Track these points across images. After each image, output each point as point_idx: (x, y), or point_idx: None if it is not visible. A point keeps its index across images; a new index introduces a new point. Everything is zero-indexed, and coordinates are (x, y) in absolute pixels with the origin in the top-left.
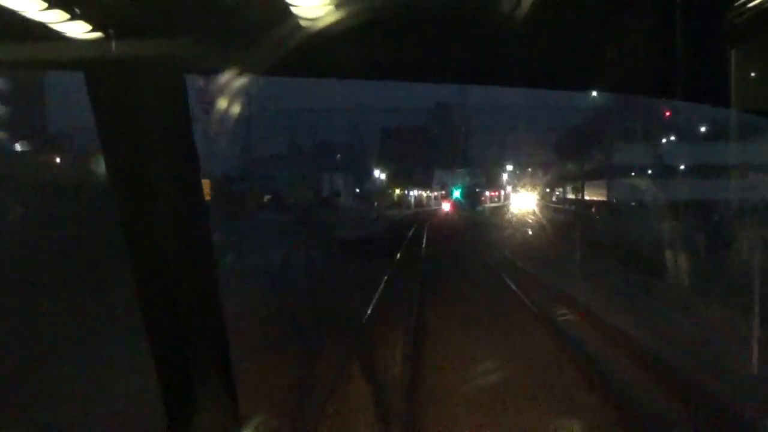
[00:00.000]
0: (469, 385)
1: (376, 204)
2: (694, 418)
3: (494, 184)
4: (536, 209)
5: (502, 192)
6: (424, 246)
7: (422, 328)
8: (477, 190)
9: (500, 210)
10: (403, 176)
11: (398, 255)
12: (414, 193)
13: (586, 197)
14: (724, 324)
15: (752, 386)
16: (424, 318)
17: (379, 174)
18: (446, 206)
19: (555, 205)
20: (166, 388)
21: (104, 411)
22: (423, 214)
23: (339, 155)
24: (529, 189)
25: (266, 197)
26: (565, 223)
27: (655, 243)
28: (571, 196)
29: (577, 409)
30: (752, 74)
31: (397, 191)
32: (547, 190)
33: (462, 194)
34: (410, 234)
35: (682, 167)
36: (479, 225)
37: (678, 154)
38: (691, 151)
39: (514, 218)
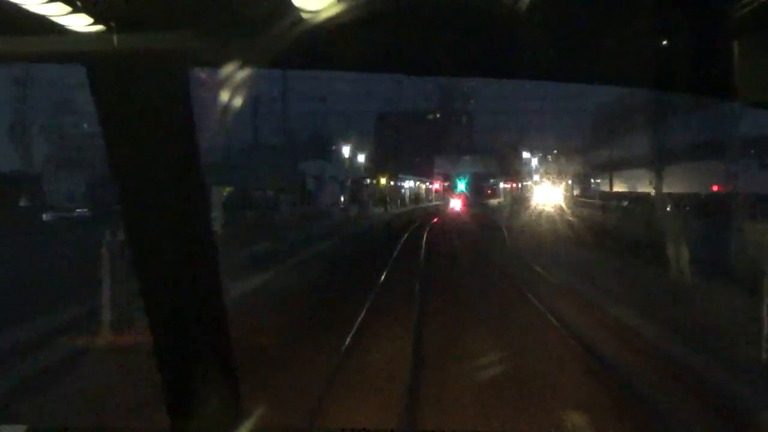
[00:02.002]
0: None
1: (342, 200)
2: None
3: (510, 174)
4: (569, 208)
5: (520, 183)
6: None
7: None
8: (491, 180)
9: (524, 207)
10: (394, 163)
11: None
12: (410, 184)
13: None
14: None
15: None
16: None
17: (349, 154)
18: (455, 203)
19: (593, 201)
20: (168, 382)
21: None
22: (420, 215)
23: (334, 146)
24: (554, 180)
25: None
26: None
27: None
28: (621, 188)
29: None
30: (756, 66)
31: (383, 180)
32: (569, 181)
33: (467, 186)
34: (377, 292)
35: None
36: (517, 237)
37: None
38: None
39: (565, 220)
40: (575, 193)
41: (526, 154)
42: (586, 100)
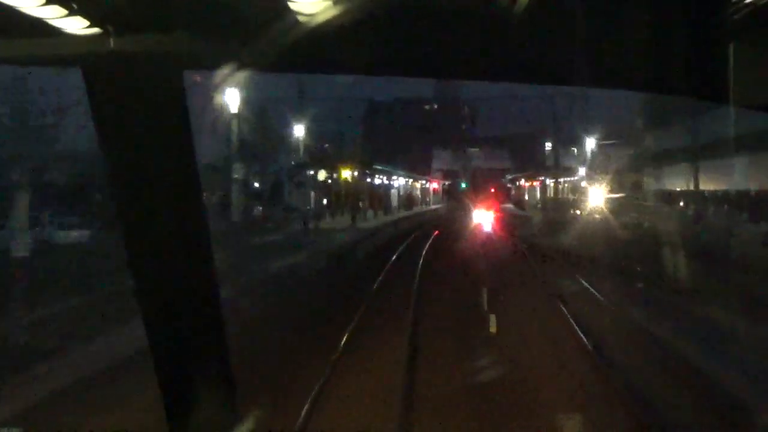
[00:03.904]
0: None
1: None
2: None
3: (532, 170)
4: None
5: (547, 182)
6: None
7: None
8: (507, 176)
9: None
10: (372, 150)
11: None
12: (400, 182)
13: None
14: None
15: None
16: None
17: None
18: (481, 215)
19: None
20: (165, 383)
21: None
22: (407, 233)
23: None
24: (598, 180)
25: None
26: None
27: None
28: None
29: None
30: (751, 69)
31: (346, 175)
32: (593, 179)
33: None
34: None
35: None
36: None
37: None
38: None
39: None
40: (602, 193)
41: (548, 145)
42: None
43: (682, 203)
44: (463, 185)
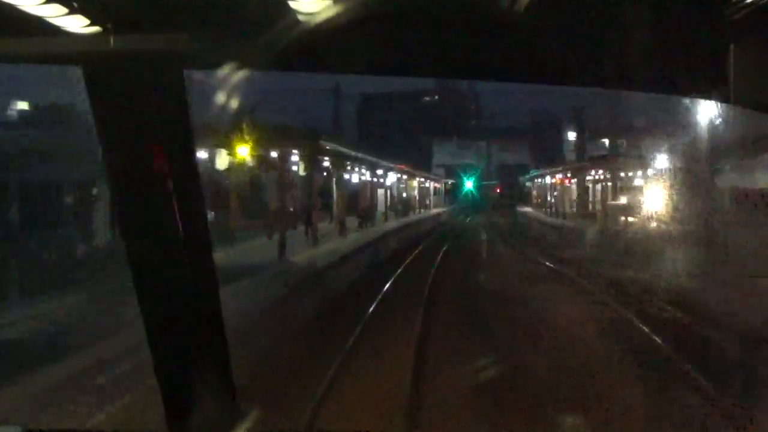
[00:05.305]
0: None
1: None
2: None
3: (553, 167)
4: None
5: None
6: None
7: None
8: (531, 172)
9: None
10: (369, 148)
11: None
12: (392, 178)
13: None
14: None
15: None
16: None
17: None
18: None
19: None
20: (165, 383)
21: None
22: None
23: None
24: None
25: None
26: None
27: None
28: None
29: None
30: (752, 69)
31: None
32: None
33: (476, 186)
34: None
35: None
36: None
37: None
38: None
39: None
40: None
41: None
42: None
43: None
44: (465, 185)
